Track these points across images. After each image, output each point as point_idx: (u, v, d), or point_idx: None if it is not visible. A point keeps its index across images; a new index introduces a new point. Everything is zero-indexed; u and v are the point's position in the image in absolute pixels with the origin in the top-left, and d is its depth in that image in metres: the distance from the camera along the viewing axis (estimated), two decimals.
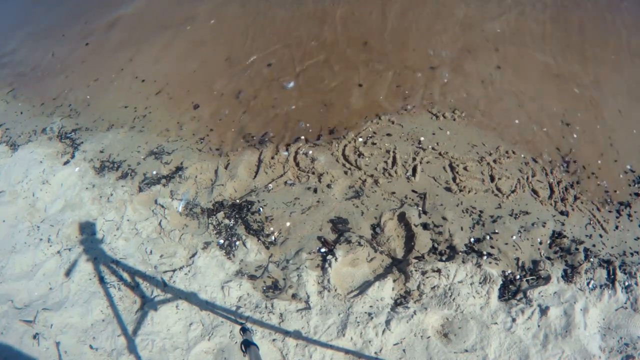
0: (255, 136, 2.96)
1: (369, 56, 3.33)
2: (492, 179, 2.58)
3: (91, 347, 2.10)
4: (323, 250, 2.31)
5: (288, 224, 2.45)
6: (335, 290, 2.14)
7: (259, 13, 3.93)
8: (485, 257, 2.21)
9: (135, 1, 4.56)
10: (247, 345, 1.45)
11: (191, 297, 2.18)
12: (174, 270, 2.30)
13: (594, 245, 2.28)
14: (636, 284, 2.13)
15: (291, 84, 3.25)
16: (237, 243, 2.39)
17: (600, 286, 2.12)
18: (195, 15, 4.11)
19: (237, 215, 2.51)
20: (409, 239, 2.33)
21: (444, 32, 3.45)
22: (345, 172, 2.66)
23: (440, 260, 2.22)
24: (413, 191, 2.53)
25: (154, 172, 2.82)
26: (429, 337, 1.99)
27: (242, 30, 3.82)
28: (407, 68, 3.23)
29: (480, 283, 2.11)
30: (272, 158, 2.79)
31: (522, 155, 2.69)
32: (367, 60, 3.31)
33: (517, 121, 2.90)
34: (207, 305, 2.14)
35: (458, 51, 3.31)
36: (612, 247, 2.28)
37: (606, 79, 3.11)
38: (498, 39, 3.37)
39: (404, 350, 1.96)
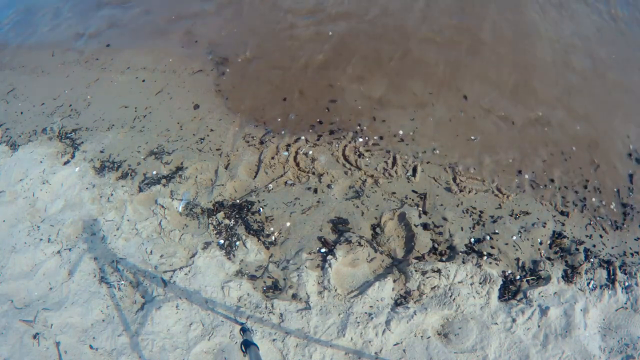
0: (255, 136, 2.96)
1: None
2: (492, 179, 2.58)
3: (91, 347, 2.10)
4: (323, 250, 2.30)
5: (288, 224, 2.45)
6: (336, 290, 2.14)
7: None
8: (485, 258, 2.21)
9: (135, 2, 4.56)
10: (247, 345, 1.45)
11: (191, 297, 2.18)
12: (174, 270, 2.30)
13: (594, 246, 2.28)
14: (636, 284, 2.13)
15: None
16: (237, 243, 2.39)
17: (601, 286, 2.12)
18: (196, 14, 4.12)
19: (237, 215, 2.51)
20: (409, 239, 2.33)
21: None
22: (346, 172, 2.66)
23: (441, 260, 2.22)
24: (413, 191, 2.53)
25: (154, 172, 2.82)
26: (429, 337, 1.99)
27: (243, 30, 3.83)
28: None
29: (480, 283, 2.11)
30: (273, 158, 2.79)
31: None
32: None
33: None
34: (207, 305, 2.14)
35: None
36: (612, 248, 2.28)
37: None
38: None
39: (404, 350, 1.95)
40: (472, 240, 2.30)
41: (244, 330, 1.67)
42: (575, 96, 3.04)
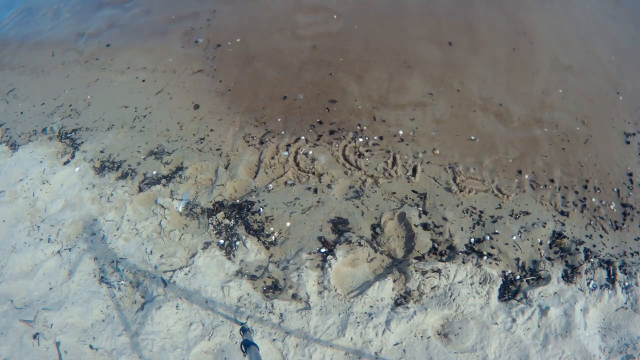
0: (255, 136, 2.96)
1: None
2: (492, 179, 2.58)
3: (91, 347, 2.10)
4: (323, 250, 2.30)
5: (288, 224, 2.45)
6: (336, 290, 2.14)
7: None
8: (485, 258, 2.21)
9: (135, 2, 4.56)
10: (247, 345, 1.45)
11: (191, 297, 2.18)
12: (174, 270, 2.30)
13: (594, 246, 2.28)
14: (636, 284, 2.13)
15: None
16: (237, 243, 2.39)
17: (601, 286, 2.12)
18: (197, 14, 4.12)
19: (237, 215, 2.51)
20: (409, 239, 2.33)
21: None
22: (346, 172, 2.66)
23: (441, 260, 2.22)
24: (413, 191, 2.53)
25: (154, 172, 2.82)
26: (429, 337, 1.99)
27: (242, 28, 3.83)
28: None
29: (480, 283, 2.11)
30: (273, 158, 2.79)
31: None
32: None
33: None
34: (207, 305, 2.14)
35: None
36: (613, 248, 2.28)
37: None
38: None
39: (404, 350, 1.95)
40: (472, 240, 2.30)
41: (244, 330, 1.67)
42: (575, 95, 3.04)
